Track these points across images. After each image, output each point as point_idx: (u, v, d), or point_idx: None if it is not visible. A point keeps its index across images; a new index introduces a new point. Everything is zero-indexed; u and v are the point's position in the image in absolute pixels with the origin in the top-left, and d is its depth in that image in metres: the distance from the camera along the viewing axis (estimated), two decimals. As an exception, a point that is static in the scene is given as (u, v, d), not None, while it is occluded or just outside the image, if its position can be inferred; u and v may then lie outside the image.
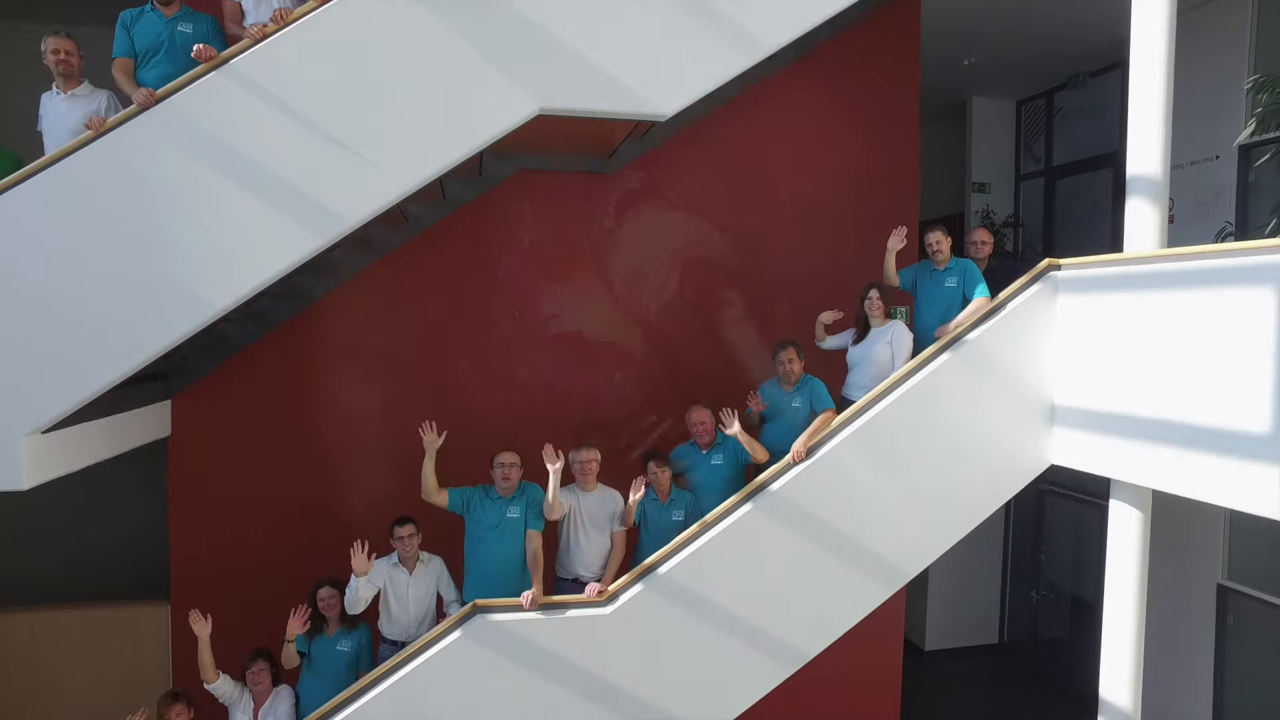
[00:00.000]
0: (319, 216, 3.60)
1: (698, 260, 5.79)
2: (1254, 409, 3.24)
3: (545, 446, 4.01)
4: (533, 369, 5.50)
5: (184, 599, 5.14)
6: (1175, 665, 6.25)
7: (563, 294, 5.53)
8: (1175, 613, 6.25)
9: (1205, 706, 6.09)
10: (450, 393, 5.29)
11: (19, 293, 3.39)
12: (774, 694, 4.16)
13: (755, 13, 3.94)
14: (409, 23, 3.64)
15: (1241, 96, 5.77)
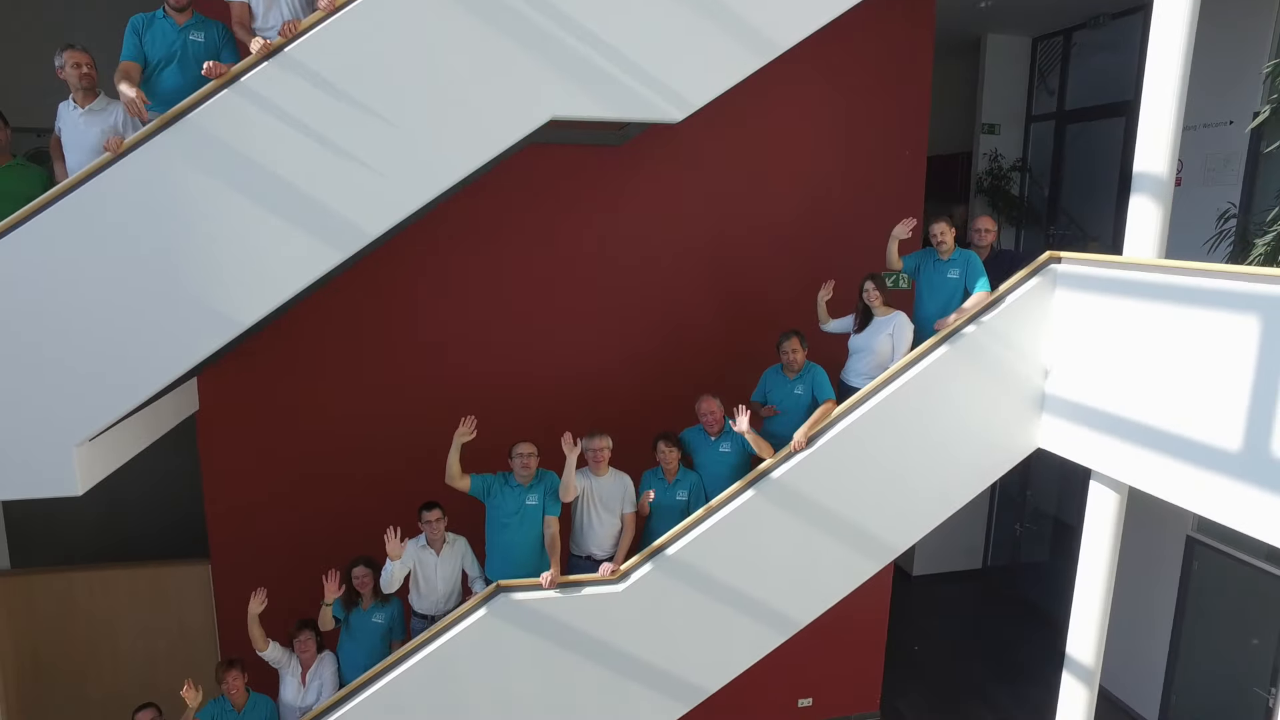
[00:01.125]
0: (340, 231, 3.68)
1: (709, 229, 5.86)
2: (1228, 427, 3.44)
3: (565, 435, 4.24)
4: (541, 347, 5.67)
5: (223, 559, 5.56)
6: (1140, 605, 6.75)
7: (572, 272, 5.63)
8: (1146, 560, 6.70)
9: (1164, 642, 6.62)
10: (462, 366, 5.50)
11: (59, 315, 3.52)
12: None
13: (768, 14, 3.87)
14: (419, 34, 3.60)
15: (1262, 63, 5.66)
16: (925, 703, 7.06)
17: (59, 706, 5.51)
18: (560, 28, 3.68)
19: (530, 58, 3.69)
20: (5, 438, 3.56)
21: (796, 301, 5.58)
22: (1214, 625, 6.27)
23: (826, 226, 6.06)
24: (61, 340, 3.54)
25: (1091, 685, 4.72)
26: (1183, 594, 6.48)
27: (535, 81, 3.71)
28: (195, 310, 3.63)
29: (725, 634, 4.47)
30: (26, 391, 3.54)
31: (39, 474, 3.63)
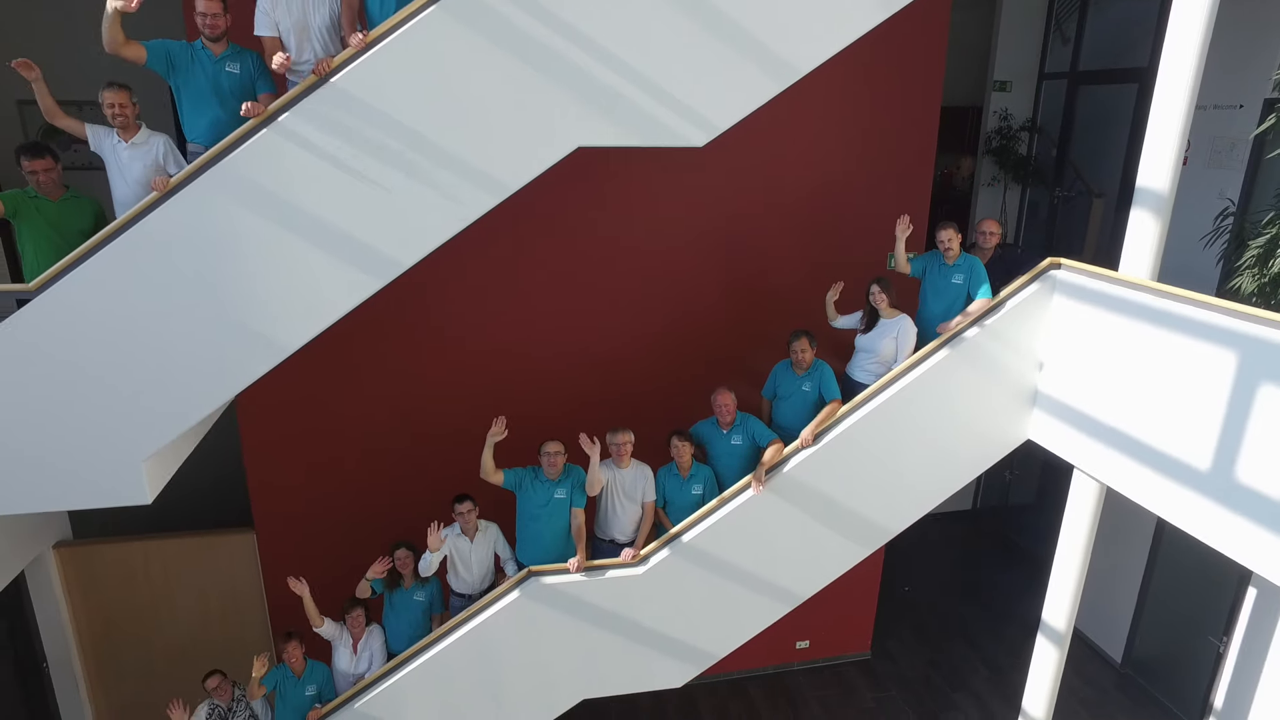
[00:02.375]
0: (377, 262, 3.87)
1: (723, 206, 6.01)
2: (1200, 448, 3.76)
3: (580, 436, 4.57)
4: (560, 336, 5.93)
5: (266, 528, 6.01)
6: (1117, 555, 7.27)
7: (589, 263, 5.82)
8: (1124, 514, 7.16)
9: (1134, 590, 7.18)
10: (485, 353, 5.79)
11: (122, 344, 3.77)
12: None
13: (788, 39, 3.93)
14: (451, 69, 3.68)
15: (1277, 50, 5.67)
16: (913, 641, 7.70)
17: (127, 661, 6.08)
18: (587, 61, 3.75)
19: (559, 90, 3.78)
20: (82, 455, 3.88)
21: (808, 277, 5.85)
22: (1179, 578, 6.80)
23: (839, 188, 6.18)
24: (127, 367, 3.80)
25: (1062, 646, 5.26)
26: (1155, 547, 6.98)
27: (563, 113, 3.81)
28: (246, 338, 3.88)
29: (734, 608, 4.94)
30: (99, 414, 3.84)
31: (114, 486, 3.97)
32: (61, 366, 3.77)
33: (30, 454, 3.86)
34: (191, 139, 3.93)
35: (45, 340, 3.73)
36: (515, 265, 5.74)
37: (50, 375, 3.77)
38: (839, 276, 5.89)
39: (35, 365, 3.75)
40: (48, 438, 3.84)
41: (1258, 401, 3.48)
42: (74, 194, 3.99)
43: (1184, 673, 6.71)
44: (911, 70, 6.12)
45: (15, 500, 3.96)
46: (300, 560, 5.97)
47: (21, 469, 3.87)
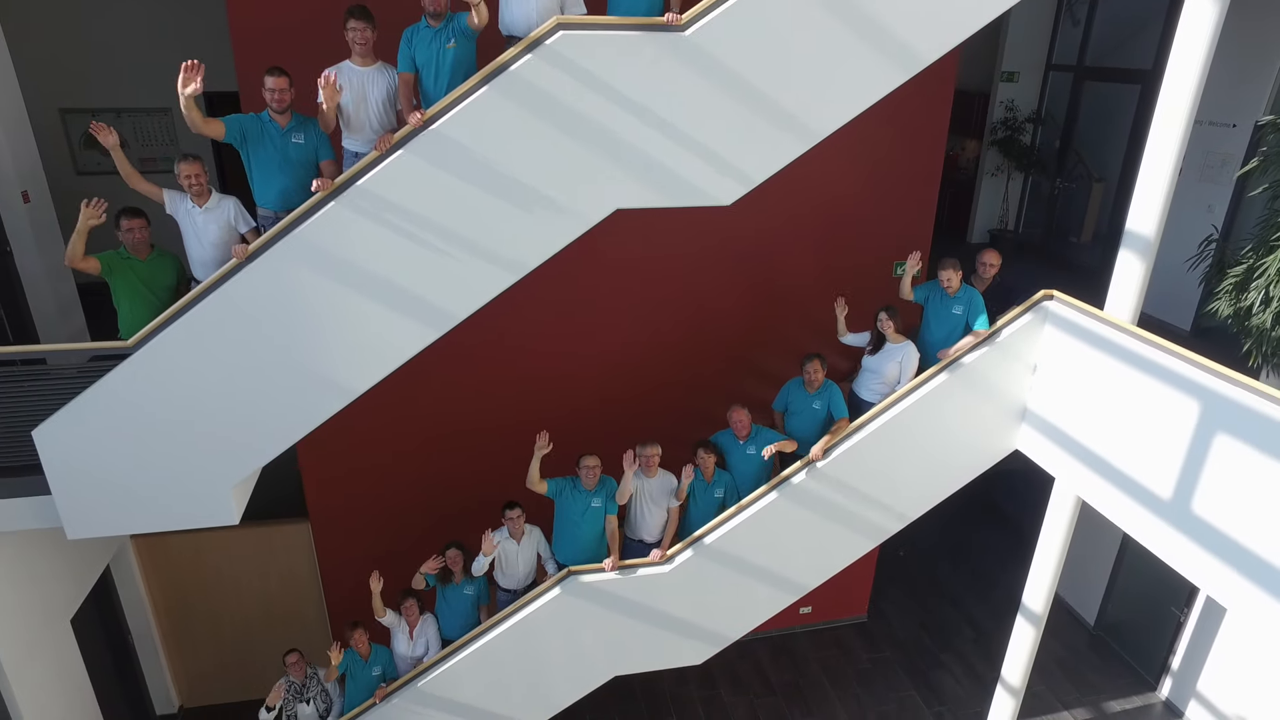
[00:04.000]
0: (434, 315, 4.30)
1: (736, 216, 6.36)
2: (1163, 478, 4.28)
3: (626, 454, 5.10)
4: (588, 347, 6.38)
5: (320, 519, 6.60)
6: (1097, 527, 7.89)
7: (614, 277, 6.22)
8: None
9: (1110, 560, 7.85)
10: (523, 365, 6.26)
11: (213, 388, 4.24)
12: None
13: (809, 106, 4.25)
14: (501, 142, 4.02)
15: (1272, 72, 5.93)
16: (906, 603, 8.43)
17: (199, 633, 6.77)
18: (626, 132, 4.08)
19: (600, 159, 4.11)
20: (181, 486, 4.42)
21: (823, 277, 6.31)
22: (1150, 554, 7.36)
23: (854, 176, 6.48)
24: (217, 410, 4.29)
25: (1039, 626, 5.92)
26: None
27: (604, 179, 4.16)
28: (318, 383, 4.34)
29: (749, 598, 5.56)
30: (194, 452, 4.35)
31: (208, 510, 4.53)
32: (160, 411, 4.25)
33: (138, 486, 4.39)
34: (261, 205, 4.27)
35: (145, 389, 4.20)
36: (556, 284, 6.09)
37: (152, 419, 4.26)
38: (853, 270, 6.32)
39: (138, 411, 4.24)
40: (153, 472, 4.36)
41: (1214, 448, 3.99)
42: (159, 252, 4.37)
43: (1148, 637, 7.43)
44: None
45: (128, 523, 4.53)
46: (350, 548, 6.63)
47: (132, 498, 4.41)
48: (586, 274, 6.22)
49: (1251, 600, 3.86)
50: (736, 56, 4.08)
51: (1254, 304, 5.03)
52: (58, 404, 4.20)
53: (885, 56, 4.25)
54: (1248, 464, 3.82)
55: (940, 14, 4.23)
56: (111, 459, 4.32)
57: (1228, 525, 3.96)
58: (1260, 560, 3.80)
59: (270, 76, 4.09)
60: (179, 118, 7.34)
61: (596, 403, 6.49)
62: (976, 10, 4.30)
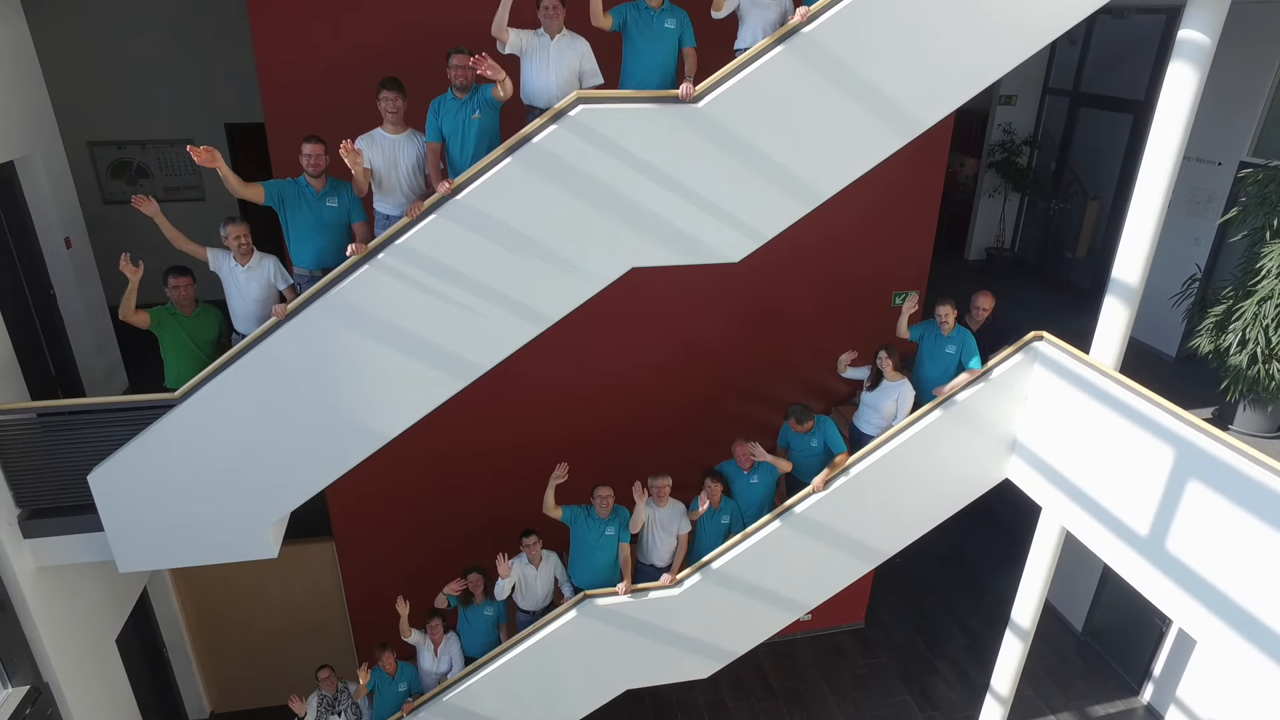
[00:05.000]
0: (459, 366, 4.59)
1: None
2: (1141, 516, 4.59)
3: (636, 484, 5.41)
4: (597, 378, 6.67)
5: (344, 538, 6.92)
6: (1082, 548, 8.23)
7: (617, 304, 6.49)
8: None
9: (1098, 569, 8.19)
10: (537, 393, 6.56)
11: (255, 435, 4.54)
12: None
13: (814, 170, 4.51)
14: (523, 210, 4.28)
15: (1257, 113, 6.17)
16: (901, 609, 8.78)
17: (229, 645, 7.13)
18: (642, 198, 4.35)
19: (616, 223, 4.39)
20: (224, 523, 4.75)
21: (822, 304, 6.62)
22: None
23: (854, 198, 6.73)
24: (258, 455, 4.60)
25: (1026, 640, 6.27)
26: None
27: (621, 241, 4.44)
28: (352, 430, 4.64)
29: (752, 617, 5.90)
30: (237, 491, 4.67)
31: (249, 545, 4.86)
32: (205, 456, 4.56)
33: (184, 524, 4.72)
34: (298, 264, 4.55)
35: (192, 436, 4.51)
36: (572, 315, 6.37)
37: (198, 463, 4.57)
38: (854, 291, 6.59)
39: (185, 456, 4.55)
40: (198, 512, 4.69)
41: (1187, 492, 4.30)
42: (203, 307, 4.65)
43: (1133, 645, 7.80)
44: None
45: (174, 558, 4.88)
46: (373, 565, 6.96)
47: (178, 535, 4.75)
48: (600, 305, 6.46)
49: (1219, 635, 4.19)
50: (746, 125, 4.34)
51: (1232, 345, 5.31)
52: (109, 448, 4.51)
53: (886, 123, 4.51)
54: (1217, 509, 4.13)
55: (937, 84, 4.50)
56: (160, 499, 4.64)
57: (1199, 564, 4.28)
58: (1227, 599, 4.12)
59: (307, 144, 4.35)
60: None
61: (608, 424, 6.80)
62: (971, 80, 4.56)
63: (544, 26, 4.33)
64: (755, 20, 4.48)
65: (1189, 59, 4.45)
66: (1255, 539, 3.95)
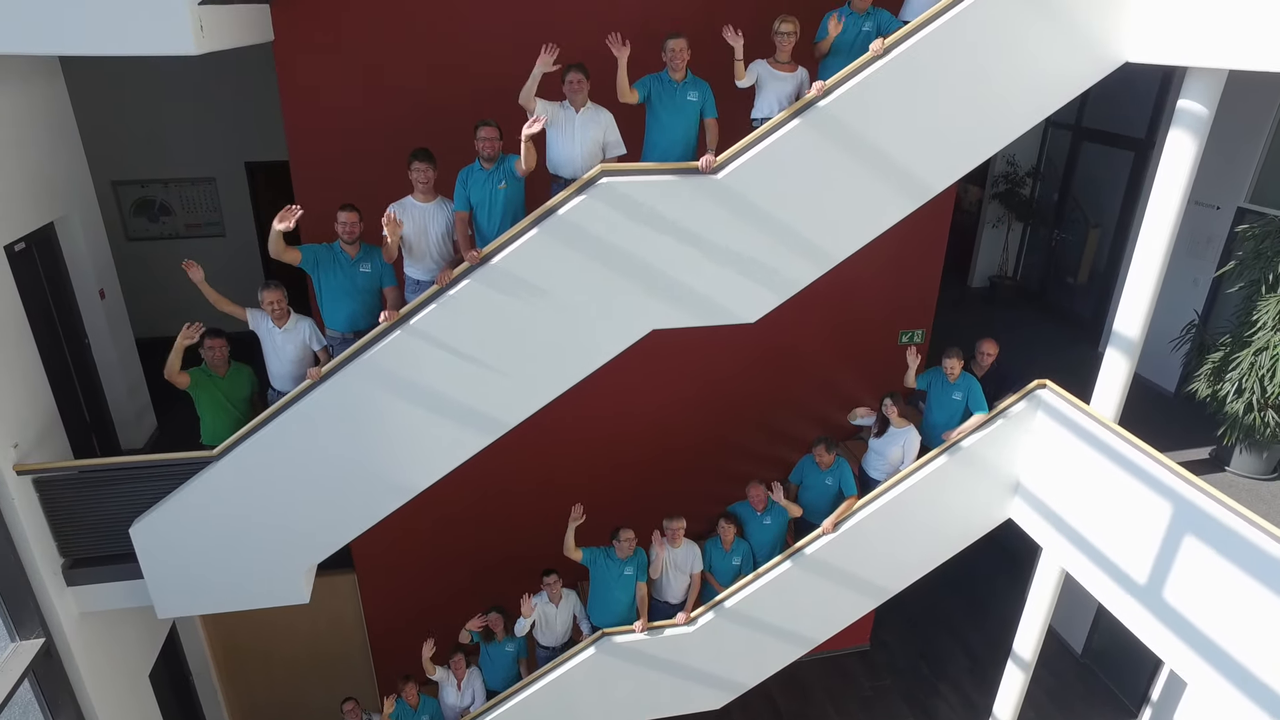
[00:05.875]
0: (488, 424, 4.78)
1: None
2: (1140, 565, 4.79)
3: (655, 533, 5.62)
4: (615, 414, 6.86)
5: (365, 572, 7.11)
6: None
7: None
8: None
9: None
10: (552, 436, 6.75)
11: (289, 489, 4.74)
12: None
13: (828, 235, 4.69)
14: (552, 278, 4.46)
15: (1255, 158, 6.33)
16: (905, 632, 8.99)
17: (253, 673, 7.34)
18: (665, 265, 4.53)
19: (637, 289, 4.57)
20: (258, 571, 4.96)
21: (830, 340, 6.83)
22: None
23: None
24: (292, 508, 4.81)
25: (1028, 671, 6.48)
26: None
27: (641, 306, 4.62)
28: (381, 484, 4.84)
29: (763, 652, 6.12)
30: (271, 542, 4.88)
31: (281, 591, 5.07)
32: (241, 510, 4.76)
33: (221, 573, 4.92)
34: (331, 327, 4.72)
35: (229, 491, 4.70)
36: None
37: (234, 516, 4.77)
38: (862, 330, 6.79)
39: (222, 510, 4.74)
40: (234, 561, 4.89)
41: (1181, 544, 4.50)
42: (236, 367, 4.83)
43: (1132, 668, 8.00)
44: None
45: (210, 604, 5.08)
46: (393, 597, 7.16)
47: (214, 583, 4.96)
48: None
49: (1209, 680, 4.39)
50: (763, 195, 4.53)
51: (1229, 394, 5.49)
52: (149, 501, 4.70)
53: (897, 190, 4.69)
54: (1210, 561, 4.33)
55: (945, 153, 4.68)
56: (198, 550, 4.84)
57: (1191, 612, 4.48)
58: (1218, 648, 4.32)
59: (343, 212, 4.52)
60: (222, 186, 7.80)
61: (625, 463, 6.99)
62: (977, 149, 4.76)
63: (569, 99, 4.50)
64: (772, 91, 4.66)
65: (1188, 128, 4.62)
66: (1246, 592, 4.15)
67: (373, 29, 5.27)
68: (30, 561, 4.68)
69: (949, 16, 4.39)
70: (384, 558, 7.02)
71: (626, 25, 4.58)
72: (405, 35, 5.33)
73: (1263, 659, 4.10)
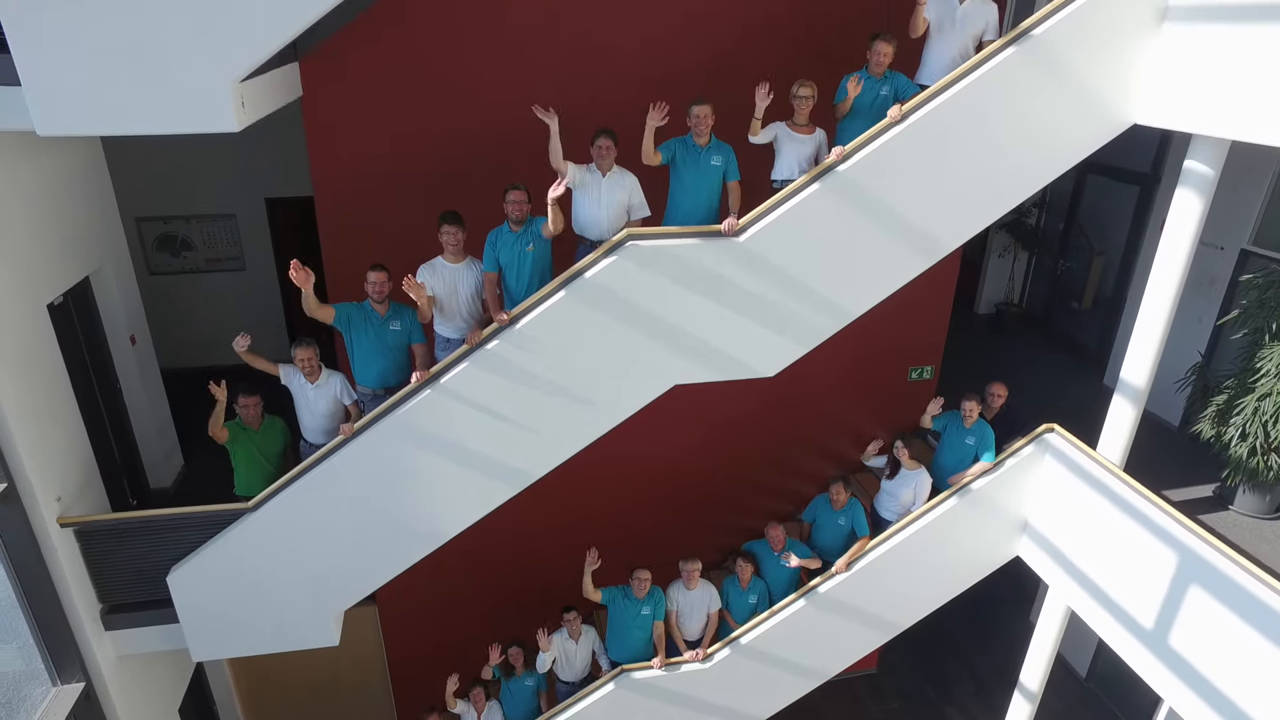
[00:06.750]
0: (515, 476, 4.92)
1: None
2: (1139, 605, 4.95)
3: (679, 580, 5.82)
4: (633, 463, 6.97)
5: (386, 604, 7.25)
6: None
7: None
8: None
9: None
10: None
11: (322, 541, 4.88)
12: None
13: (845, 293, 4.83)
14: (578, 338, 4.60)
15: (1258, 200, 6.47)
16: (912, 655, 9.13)
17: (276, 701, 7.49)
18: (682, 323, 4.67)
19: (660, 347, 4.71)
20: (291, 615, 5.12)
21: (843, 375, 6.95)
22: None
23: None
24: (325, 556, 4.97)
25: (1034, 702, 6.63)
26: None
27: (663, 363, 4.76)
28: (410, 534, 4.99)
29: (777, 686, 6.27)
30: (303, 589, 5.03)
31: (312, 634, 5.22)
32: (275, 559, 4.91)
33: (254, 618, 5.08)
34: (361, 384, 4.85)
35: (264, 541, 4.85)
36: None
37: (268, 565, 4.92)
38: (872, 367, 6.93)
39: (256, 559, 4.89)
40: (267, 607, 5.04)
41: (1183, 588, 4.65)
42: (269, 421, 4.96)
43: (1136, 692, 8.15)
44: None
45: (244, 647, 5.24)
46: (413, 629, 7.30)
47: (248, 627, 5.11)
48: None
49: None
50: (783, 256, 4.67)
51: (1233, 439, 5.64)
52: (185, 549, 4.85)
53: (913, 249, 4.84)
54: (1211, 607, 4.48)
55: (960, 213, 4.83)
56: (233, 596, 4.98)
57: (1192, 655, 4.64)
58: (1218, 691, 4.47)
59: (372, 272, 4.66)
60: (243, 222, 7.93)
61: (642, 498, 7.12)
62: (990, 208, 4.90)
63: (596, 163, 4.63)
64: (791, 154, 4.79)
65: (1194, 188, 4.76)
66: (1246, 639, 4.29)
67: (400, 84, 5.40)
68: (71, 608, 4.83)
69: (965, 84, 4.53)
70: (404, 590, 7.11)
71: (649, 84, 4.73)
72: (433, 91, 5.46)
73: (1261, 703, 4.25)
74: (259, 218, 7.82)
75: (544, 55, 5.51)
